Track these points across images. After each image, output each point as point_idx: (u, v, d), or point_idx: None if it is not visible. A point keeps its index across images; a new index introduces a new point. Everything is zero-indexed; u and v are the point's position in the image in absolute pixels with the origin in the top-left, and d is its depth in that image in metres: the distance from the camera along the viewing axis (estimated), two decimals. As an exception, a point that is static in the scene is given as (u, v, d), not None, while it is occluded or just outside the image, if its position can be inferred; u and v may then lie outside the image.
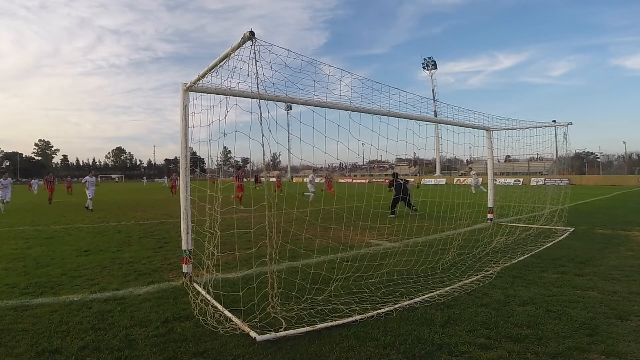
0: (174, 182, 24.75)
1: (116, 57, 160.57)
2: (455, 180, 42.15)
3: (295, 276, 4.26)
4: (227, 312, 3.48)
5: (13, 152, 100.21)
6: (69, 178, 32.97)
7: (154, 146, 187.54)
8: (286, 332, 3.06)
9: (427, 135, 6.14)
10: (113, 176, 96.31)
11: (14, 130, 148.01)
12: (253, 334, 3.02)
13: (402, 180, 11.55)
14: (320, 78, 4.36)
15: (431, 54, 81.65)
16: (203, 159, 7.45)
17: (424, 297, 3.88)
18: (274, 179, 32.10)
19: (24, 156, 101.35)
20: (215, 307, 3.61)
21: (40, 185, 36.12)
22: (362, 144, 5.47)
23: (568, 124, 8.50)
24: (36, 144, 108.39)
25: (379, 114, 5.49)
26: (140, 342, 2.99)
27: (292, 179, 61.64)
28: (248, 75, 3.42)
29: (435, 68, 60.13)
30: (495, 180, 10.58)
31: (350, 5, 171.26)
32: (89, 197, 14.75)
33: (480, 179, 21.06)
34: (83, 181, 15.46)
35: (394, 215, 10.77)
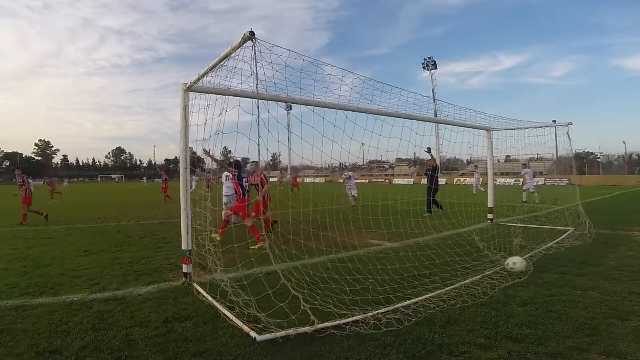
0: (165, 182, 19.27)
1: (118, 57, 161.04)
2: (455, 180, 42.16)
3: (295, 276, 4.25)
4: (227, 312, 3.48)
5: (13, 152, 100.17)
6: (54, 179, 30.54)
7: (154, 146, 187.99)
8: (286, 332, 3.06)
9: (427, 135, 6.15)
10: (113, 176, 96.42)
11: (14, 130, 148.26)
12: (253, 334, 3.02)
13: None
14: (321, 78, 4.37)
15: (432, 55, 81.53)
16: (203, 159, 7.49)
17: (423, 297, 3.88)
18: (274, 179, 32.06)
19: (24, 156, 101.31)
20: (216, 307, 3.61)
21: (37, 186, 35.10)
22: (362, 144, 5.48)
23: (568, 124, 8.50)
24: (36, 144, 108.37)
25: (379, 114, 5.49)
26: (140, 342, 2.99)
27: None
28: (251, 74, 3.43)
29: (435, 68, 60.07)
30: (496, 180, 10.59)
31: (353, 6, 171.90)
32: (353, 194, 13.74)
33: (481, 179, 20.55)
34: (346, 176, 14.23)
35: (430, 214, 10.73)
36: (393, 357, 2.74)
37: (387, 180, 51.52)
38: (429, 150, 9.41)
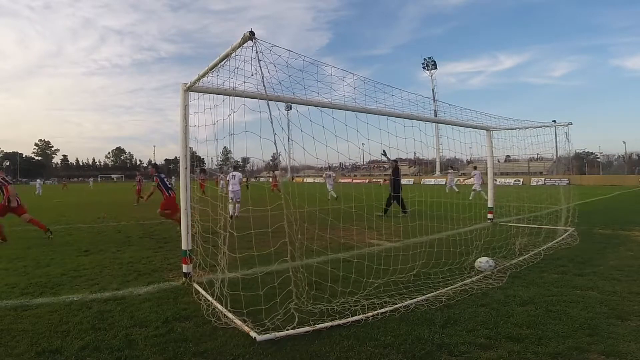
0: (139, 184, 18.72)
1: (119, 57, 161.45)
2: (455, 180, 42.12)
3: (295, 276, 4.24)
4: (227, 312, 3.48)
5: (13, 152, 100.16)
6: (60, 179, 30.70)
7: (154, 146, 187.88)
8: (286, 332, 3.07)
9: (427, 134, 6.15)
10: (113, 176, 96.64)
11: (14, 130, 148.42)
12: (253, 334, 3.02)
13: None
14: (321, 78, 4.37)
15: (432, 55, 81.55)
16: (203, 159, 7.50)
17: (424, 297, 3.88)
18: (269, 179, 32.15)
19: (24, 156, 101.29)
20: (216, 307, 3.61)
21: (43, 186, 35.89)
22: (363, 143, 5.47)
23: (568, 124, 8.49)
24: (36, 144, 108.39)
25: (379, 114, 5.49)
26: (140, 342, 2.99)
27: (292, 179, 61.65)
28: (252, 74, 3.43)
29: (435, 68, 60.21)
30: (496, 181, 10.60)
31: (353, 6, 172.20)
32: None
33: (455, 179, 21.46)
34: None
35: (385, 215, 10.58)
36: (393, 357, 2.74)
37: (387, 181, 51.54)
38: (384, 153, 9.31)
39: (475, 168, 18.38)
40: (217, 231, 4.17)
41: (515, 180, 37.88)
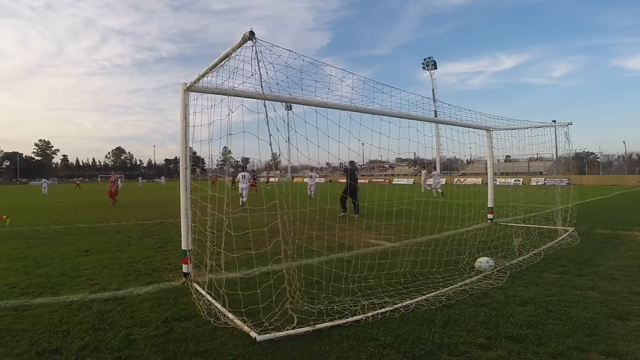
0: (113, 184, 17.31)
1: (120, 57, 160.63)
2: (455, 180, 42.19)
3: (294, 277, 4.25)
4: (227, 312, 3.48)
5: (13, 152, 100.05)
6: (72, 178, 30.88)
7: (154, 146, 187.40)
8: (286, 332, 3.07)
9: (427, 135, 6.15)
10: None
11: (14, 130, 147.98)
12: (253, 334, 3.02)
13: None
14: (321, 78, 4.37)
15: (433, 55, 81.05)
16: (203, 159, 7.51)
17: (424, 297, 3.88)
18: (263, 179, 32.24)
19: (24, 156, 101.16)
20: (216, 307, 3.61)
21: (50, 186, 35.96)
22: (362, 143, 5.48)
23: (568, 124, 8.49)
24: (36, 144, 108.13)
25: (379, 114, 5.49)
26: (140, 342, 2.99)
27: (292, 179, 61.65)
28: (252, 74, 3.42)
29: (435, 68, 60.06)
30: (496, 181, 10.59)
31: (354, 7, 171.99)
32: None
33: (429, 179, 22.18)
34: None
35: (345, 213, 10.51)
36: (393, 357, 2.74)
37: (387, 180, 51.55)
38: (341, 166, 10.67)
39: (435, 169, 20.68)
40: (207, 231, 4.18)
41: (515, 180, 37.89)
